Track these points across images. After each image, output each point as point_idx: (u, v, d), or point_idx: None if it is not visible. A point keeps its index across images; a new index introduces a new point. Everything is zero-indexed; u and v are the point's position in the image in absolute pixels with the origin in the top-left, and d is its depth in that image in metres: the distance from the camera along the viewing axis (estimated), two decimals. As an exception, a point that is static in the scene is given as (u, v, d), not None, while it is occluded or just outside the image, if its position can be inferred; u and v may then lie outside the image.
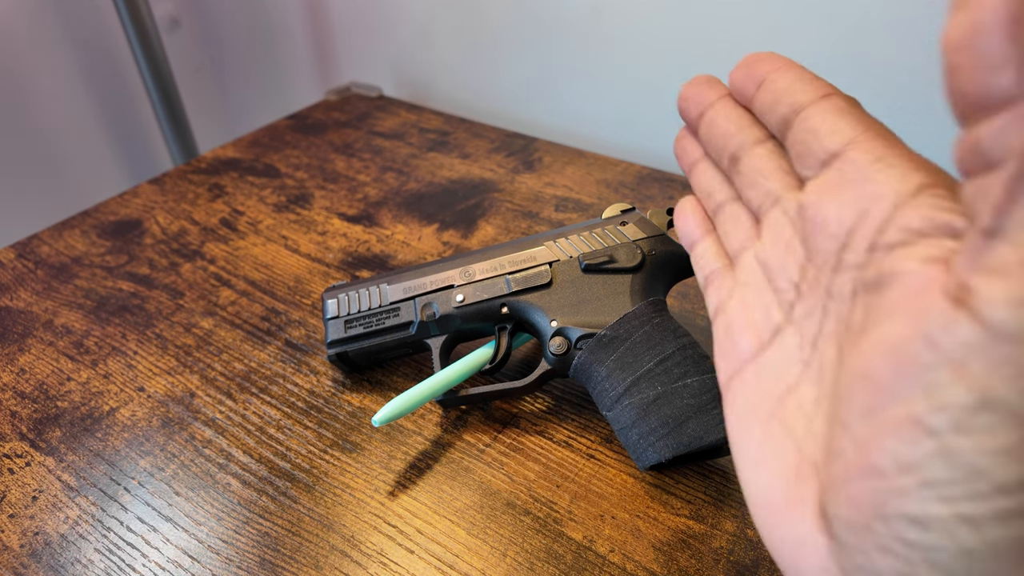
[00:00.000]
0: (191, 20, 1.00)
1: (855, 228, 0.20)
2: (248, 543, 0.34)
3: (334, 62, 0.92)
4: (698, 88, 0.28)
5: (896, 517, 0.15)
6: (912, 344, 0.15)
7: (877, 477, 0.16)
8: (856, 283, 0.19)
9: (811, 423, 0.20)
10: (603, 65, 0.69)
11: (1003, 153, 0.14)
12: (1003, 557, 0.14)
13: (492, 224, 0.56)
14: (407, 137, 0.70)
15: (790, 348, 0.22)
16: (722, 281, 0.26)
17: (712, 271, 0.27)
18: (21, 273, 0.53)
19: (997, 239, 0.14)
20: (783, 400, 0.21)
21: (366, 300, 0.41)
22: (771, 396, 0.22)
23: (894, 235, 0.18)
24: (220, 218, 0.59)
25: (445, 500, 0.35)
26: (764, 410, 0.22)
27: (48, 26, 0.85)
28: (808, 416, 0.20)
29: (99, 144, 0.94)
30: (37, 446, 0.39)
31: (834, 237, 0.20)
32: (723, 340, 0.24)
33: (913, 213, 0.18)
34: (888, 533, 0.15)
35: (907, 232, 0.18)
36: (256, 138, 0.71)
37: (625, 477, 0.36)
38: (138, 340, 0.46)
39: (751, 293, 0.24)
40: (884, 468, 0.16)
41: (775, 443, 0.21)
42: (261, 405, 0.41)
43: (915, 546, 0.15)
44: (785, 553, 0.19)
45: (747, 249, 0.25)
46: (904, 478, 0.15)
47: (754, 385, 0.22)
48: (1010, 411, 0.13)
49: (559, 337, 0.37)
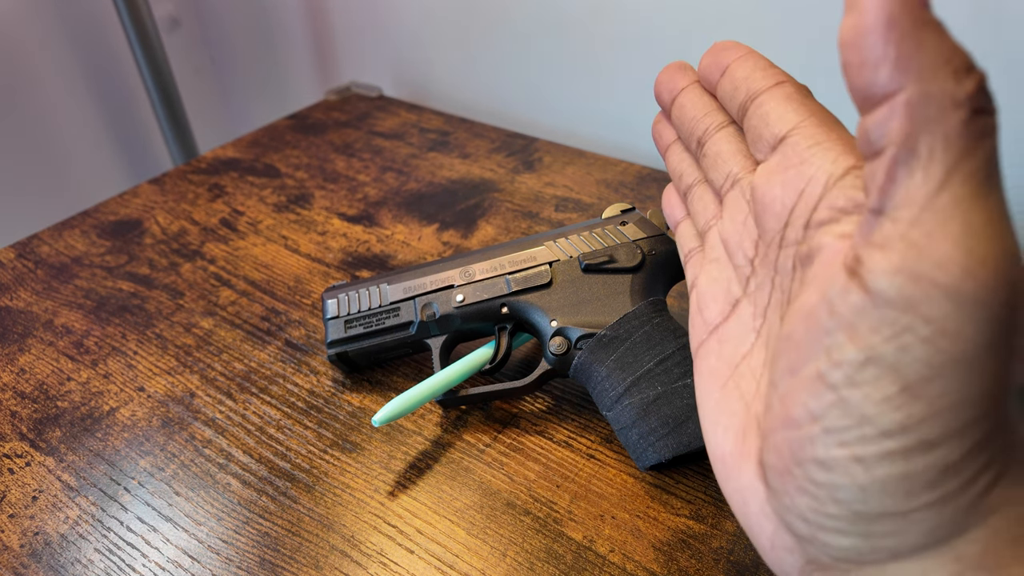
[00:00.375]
0: (191, 20, 1.00)
1: (794, 207, 0.21)
2: (248, 543, 0.34)
3: (334, 62, 0.92)
4: (671, 75, 0.30)
5: (808, 461, 0.17)
6: (819, 310, 0.17)
7: (794, 427, 0.18)
8: (795, 258, 0.21)
9: (759, 385, 0.22)
10: (603, 65, 0.69)
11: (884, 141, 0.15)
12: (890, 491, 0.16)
13: (492, 224, 0.56)
14: (407, 137, 0.70)
15: (746, 318, 0.24)
16: (696, 259, 0.28)
17: (690, 250, 0.29)
18: (21, 273, 0.53)
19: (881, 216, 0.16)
20: (739, 366, 0.23)
21: (366, 300, 0.41)
22: (730, 362, 0.24)
23: (823, 213, 0.20)
24: (220, 218, 0.59)
25: (445, 500, 0.35)
26: (723, 375, 0.24)
27: (48, 26, 0.85)
28: (757, 378, 0.22)
29: (99, 144, 0.94)
30: (37, 446, 0.39)
31: (778, 216, 0.22)
32: (695, 313, 0.27)
33: (839, 193, 0.20)
34: (803, 476, 0.18)
35: (833, 210, 0.20)
36: (256, 138, 0.71)
37: (625, 477, 0.36)
38: (138, 340, 0.46)
39: (716, 269, 0.26)
40: (799, 419, 0.18)
41: (729, 403, 0.23)
42: (261, 405, 0.41)
43: (822, 486, 0.17)
44: (736, 501, 0.22)
45: (712, 228, 0.27)
46: (812, 427, 0.17)
47: (716, 352, 0.25)
48: (889, 366, 0.16)
49: (559, 337, 0.37)
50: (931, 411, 0.15)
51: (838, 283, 0.17)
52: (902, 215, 0.15)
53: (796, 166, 0.22)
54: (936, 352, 0.15)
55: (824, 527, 0.18)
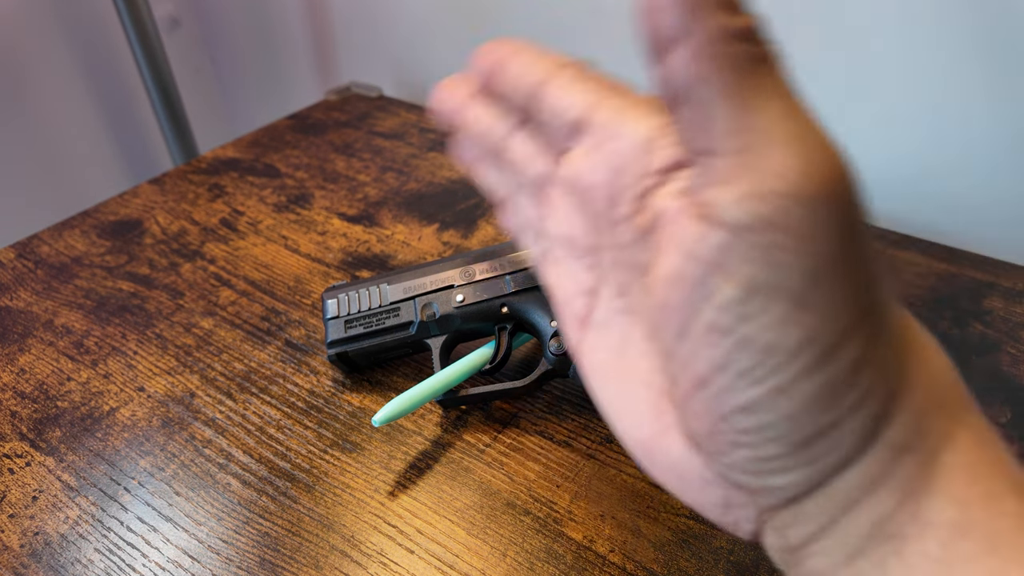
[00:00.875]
0: (191, 20, 1.00)
1: (617, 183, 0.21)
2: (248, 543, 0.34)
3: (334, 62, 0.92)
4: (447, 93, 0.28)
5: (731, 413, 0.17)
6: (684, 267, 0.17)
7: (705, 385, 0.18)
8: (634, 231, 0.21)
9: (651, 360, 0.22)
10: (603, 64, 0.69)
11: (687, 84, 0.16)
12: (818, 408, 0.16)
13: (492, 224, 0.56)
14: (407, 137, 0.70)
15: (609, 302, 0.23)
16: (542, 266, 0.27)
17: (534, 259, 0.28)
18: (21, 273, 0.53)
19: (712, 156, 0.16)
20: (622, 350, 0.23)
21: (366, 300, 0.41)
22: (612, 350, 0.23)
23: (648, 181, 0.20)
24: (220, 218, 0.59)
25: (445, 500, 0.35)
26: (611, 364, 0.23)
27: (48, 26, 0.85)
28: (646, 355, 0.22)
29: (99, 144, 0.94)
30: (37, 446, 0.39)
31: (604, 197, 0.22)
32: (561, 318, 0.26)
33: (657, 156, 0.20)
34: (731, 429, 0.17)
35: (656, 175, 0.20)
36: (256, 138, 0.71)
37: (625, 477, 0.36)
38: (138, 340, 0.46)
39: (562, 267, 0.25)
40: (706, 375, 0.17)
41: (628, 389, 0.22)
42: (261, 405, 0.41)
43: (753, 430, 0.17)
44: (671, 478, 0.21)
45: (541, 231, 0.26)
46: (723, 377, 0.17)
47: (596, 345, 0.24)
48: (771, 288, 0.16)
49: (559, 337, 0.37)
50: (824, 315, 0.16)
51: (694, 233, 0.17)
52: (728, 146, 0.16)
53: (605, 143, 0.21)
54: (806, 257, 0.16)
55: (771, 470, 0.18)
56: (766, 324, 0.16)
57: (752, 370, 0.16)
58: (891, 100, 0.56)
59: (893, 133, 0.57)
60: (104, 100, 0.93)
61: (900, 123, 0.56)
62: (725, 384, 0.17)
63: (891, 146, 0.57)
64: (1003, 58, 0.50)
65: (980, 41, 0.50)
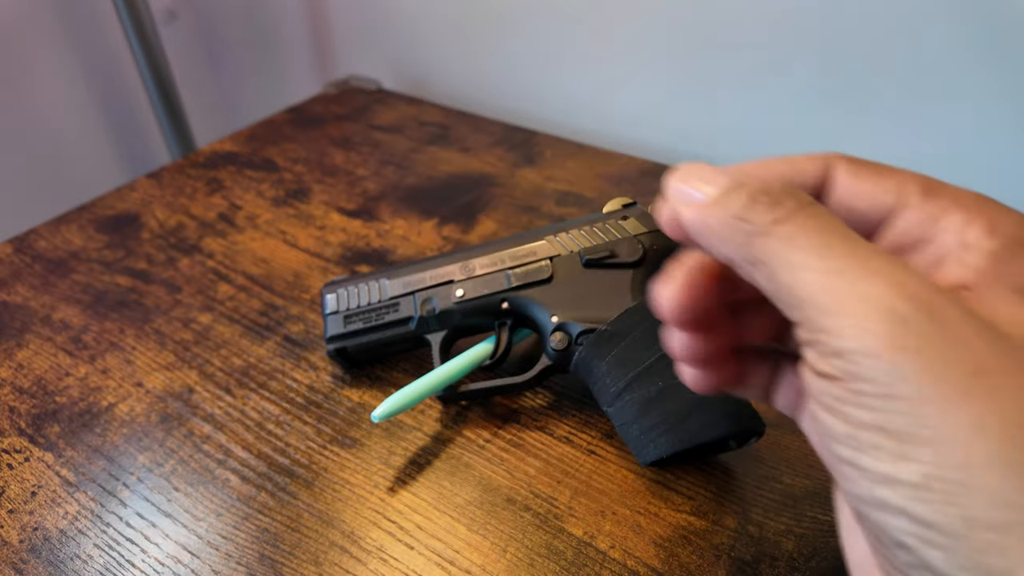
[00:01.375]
0: (188, 13, 0.99)
1: None
2: (247, 539, 0.34)
3: (332, 55, 0.92)
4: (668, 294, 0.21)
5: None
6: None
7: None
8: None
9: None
10: (605, 59, 0.68)
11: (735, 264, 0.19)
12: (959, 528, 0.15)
13: (492, 219, 0.56)
14: (406, 131, 0.70)
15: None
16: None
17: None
18: (18, 268, 0.53)
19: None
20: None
21: (365, 295, 0.41)
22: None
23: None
24: (218, 212, 0.58)
25: (445, 496, 0.35)
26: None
27: (45, 20, 0.84)
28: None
29: (96, 138, 0.94)
30: (36, 441, 0.39)
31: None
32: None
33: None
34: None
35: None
36: (254, 132, 0.71)
37: (626, 473, 0.36)
38: (136, 335, 0.46)
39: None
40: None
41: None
42: (260, 401, 0.41)
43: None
44: None
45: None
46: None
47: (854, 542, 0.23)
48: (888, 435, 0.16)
49: (559, 332, 0.37)
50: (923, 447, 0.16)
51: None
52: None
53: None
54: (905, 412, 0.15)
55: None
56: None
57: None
58: (891, 100, 0.55)
59: (893, 132, 0.57)
60: (101, 94, 0.92)
61: (900, 123, 0.56)
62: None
63: (892, 146, 0.57)
64: (1003, 58, 0.49)
65: (981, 40, 0.50)
